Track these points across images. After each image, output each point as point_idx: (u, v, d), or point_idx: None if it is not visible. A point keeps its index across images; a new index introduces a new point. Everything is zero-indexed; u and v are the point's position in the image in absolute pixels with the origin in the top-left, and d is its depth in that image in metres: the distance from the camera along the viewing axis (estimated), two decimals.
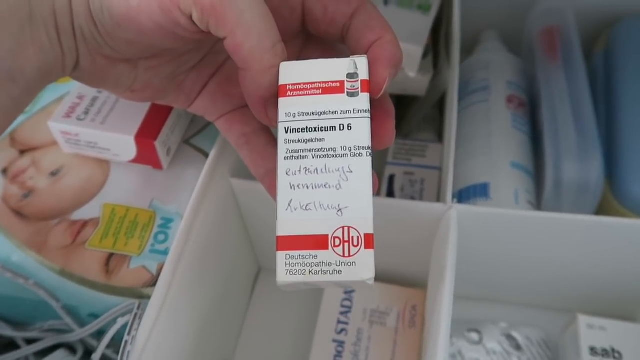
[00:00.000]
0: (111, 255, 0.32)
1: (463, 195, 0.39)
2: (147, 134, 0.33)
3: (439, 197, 0.41)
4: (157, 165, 0.34)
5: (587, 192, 0.37)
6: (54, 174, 0.35)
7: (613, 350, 0.34)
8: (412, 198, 0.41)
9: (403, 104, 0.47)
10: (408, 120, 0.48)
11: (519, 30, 0.48)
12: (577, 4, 0.46)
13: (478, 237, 0.34)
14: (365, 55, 0.21)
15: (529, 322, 0.40)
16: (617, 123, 0.40)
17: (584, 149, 0.37)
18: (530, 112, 0.44)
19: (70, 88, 0.38)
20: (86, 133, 0.33)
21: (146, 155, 0.34)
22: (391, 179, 0.43)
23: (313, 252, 0.20)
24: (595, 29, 0.48)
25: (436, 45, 0.44)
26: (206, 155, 0.36)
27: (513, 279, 0.40)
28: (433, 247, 0.35)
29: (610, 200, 0.38)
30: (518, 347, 0.38)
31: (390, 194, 0.42)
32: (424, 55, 0.41)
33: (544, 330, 0.39)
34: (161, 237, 0.32)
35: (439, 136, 0.47)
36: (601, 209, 0.39)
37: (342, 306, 0.38)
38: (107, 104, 0.34)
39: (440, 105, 0.48)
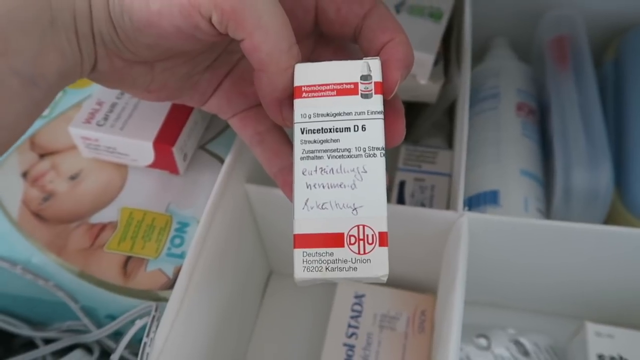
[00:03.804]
0: (129, 258, 0.32)
1: (473, 203, 0.40)
2: (165, 139, 0.33)
3: (448, 203, 0.41)
4: (173, 170, 0.35)
5: (596, 200, 0.38)
6: (73, 177, 0.35)
7: (621, 358, 0.34)
8: (423, 204, 0.42)
9: (413, 110, 0.48)
10: (418, 127, 0.48)
11: (529, 38, 0.49)
12: (587, 12, 0.46)
13: (488, 245, 0.35)
14: (378, 58, 0.22)
15: (537, 328, 0.40)
16: (626, 131, 0.40)
17: (594, 157, 0.38)
18: (540, 120, 0.44)
19: (89, 93, 0.39)
20: (106, 138, 0.34)
21: (163, 161, 0.34)
22: (402, 185, 0.43)
23: (329, 250, 0.20)
24: (605, 38, 0.48)
25: (447, 53, 0.45)
26: (221, 160, 0.36)
27: (522, 286, 0.40)
28: (443, 254, 0.36)
29: (619, 209, 0.38)
30: (526, 354, 0.38)
31: (401, 200, 0.42)
32: (435, 63, 0.41)
33: (552, 337, 0.39)
34: (177, 240, 0.33)
35: (449, 143, 0.48)
36: (610, 217, 0.39)
37: (353, 310, 0.39)
38: (125, 110, 0.35)
39: (449, 112, 0.49)
